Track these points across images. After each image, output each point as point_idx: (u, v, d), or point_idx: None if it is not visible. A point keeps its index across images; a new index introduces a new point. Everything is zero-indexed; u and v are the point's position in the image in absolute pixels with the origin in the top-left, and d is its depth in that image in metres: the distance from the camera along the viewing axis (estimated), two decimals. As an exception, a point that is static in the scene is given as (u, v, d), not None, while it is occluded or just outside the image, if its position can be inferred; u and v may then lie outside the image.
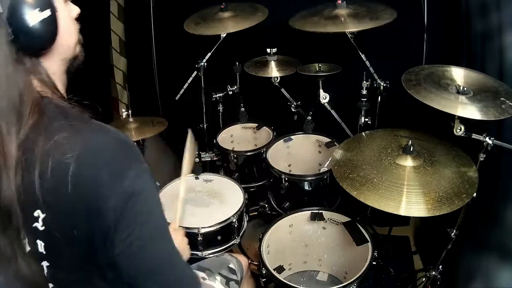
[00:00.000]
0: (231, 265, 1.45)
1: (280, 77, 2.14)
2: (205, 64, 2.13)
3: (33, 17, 0.75)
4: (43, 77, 0.82)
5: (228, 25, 2.04)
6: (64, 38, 0.84)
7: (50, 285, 0.87)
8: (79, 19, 0.90)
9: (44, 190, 0.75)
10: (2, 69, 0.75)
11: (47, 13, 0.77)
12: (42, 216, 0.78)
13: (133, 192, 0.77)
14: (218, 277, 1.37)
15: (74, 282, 0.86)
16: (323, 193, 1.90)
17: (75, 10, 0.88)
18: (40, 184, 0.75)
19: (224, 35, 2.02)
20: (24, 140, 0.75)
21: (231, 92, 2.31)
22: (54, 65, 0.85)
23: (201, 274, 1.35)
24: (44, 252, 0.82)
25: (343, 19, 1.75)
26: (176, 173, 2.01)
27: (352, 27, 1.71)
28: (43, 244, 0.82)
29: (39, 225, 0.79)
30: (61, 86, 0.88)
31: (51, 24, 0.79)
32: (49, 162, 0.74)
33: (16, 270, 0.80)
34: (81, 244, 0.80)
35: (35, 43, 0.78)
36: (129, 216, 0.78)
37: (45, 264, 0.84)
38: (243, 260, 1.53)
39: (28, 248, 0.82)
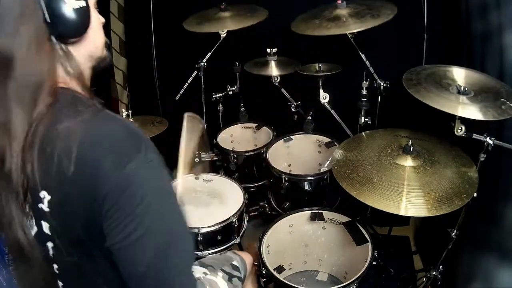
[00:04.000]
0: (235, 262, 1.43)
1: (280, 77, 2.14)
2: (205, 64, 2.13)
3: (70, 4, 0.80)
4: (71, 65, 0.84)
5: (228, 23, 2.04)
6: (93, 35, 0.88)
7: (55, 266, 0.89)
8: None
9: (49, 174, 0.77)
10: (33, 50, 0.78)
11: (82, 3, 0.82)
12: (48, 197, 0.80)
13: (130, 184, 0.75)
14: (220, 273, 1.35)
15: (77, 264, 0.86)
16: (323, 193, 1.90)
17: (101, 19, 0.93)
18: (45, 168, 0.77)
19: (224, 34, 2.02)
20: (33, 124, 0.77)
21: (231, 92, 2.31)
22: (82, 58, 0.88)
23: (202, 269, 1.34)
24: (49, 233, 0.84)
25: (344, 19, 1.75)
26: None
27: (354, 27, 1.70)
28: (47, 225, 0.83)
29: (44, 206, 0.81)
30: (86, 78, 0.91)
31: (85, 15, 0.84)
32: (54, 147, 0.76)
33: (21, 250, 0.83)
34: (81, 228, 0.80)
35: (68, 30, 0.81)
36: (123, 208, 0.75)
37: (50, 245, 0.86)
38: (248, 257, 1.51)
39: (35, 229, 0.85)
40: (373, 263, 1.47)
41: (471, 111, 1.30)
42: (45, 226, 0.84)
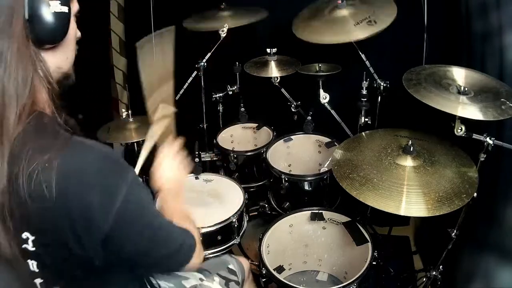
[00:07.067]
0: (231, 266, 1.40)
1: (280, 77, 2.14)
2: (205, 64, 2.13)
3: (54, 6, 0.77)
4: (43, 73, 0.80)
5: (227, 21, 2.05)
6: (67, 46, 0.85)
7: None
8: (80, 27, 0.89)
9: (29, 213, 0.74)
10: (19, 48, 0.75)
11: (65, 8, 0.79)
12: (31, 238, 0.78)
13: (126, 208, 0.78)
14: (217, 278, 1.32)
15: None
16: (323, 193, 1.90)
17: (78, 33, 0.90)
18: (25, 207, 0.73)
19: (224, 33, 2.02)
20: (9, 157, 0.73)
21: (231, 92, 2.31)
22: (50, 68, 0.83)
23: (198, 275, 1.30)
24: (37, 270, 0.83)
25: (343, 24, 1.75)
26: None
27: (357, 35, 1.71)
28: (35, 263, 0.82)
29: (29, 246, 0.79)
30: (55, 90, 0.86)
31: (65, 21, 0.81)
32: (32, 184, 0.72)
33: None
34: (75, 257, 0.79)
35: (46, 33, 0.78)
36: (125, 227, 0.79)
37: (38, 281, 0.85)
38: (245, 262, 1.49)
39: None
40: (373, 263, 1.47)
41: (471, 111, 1.30)
42: (32, 264, 0.82)
